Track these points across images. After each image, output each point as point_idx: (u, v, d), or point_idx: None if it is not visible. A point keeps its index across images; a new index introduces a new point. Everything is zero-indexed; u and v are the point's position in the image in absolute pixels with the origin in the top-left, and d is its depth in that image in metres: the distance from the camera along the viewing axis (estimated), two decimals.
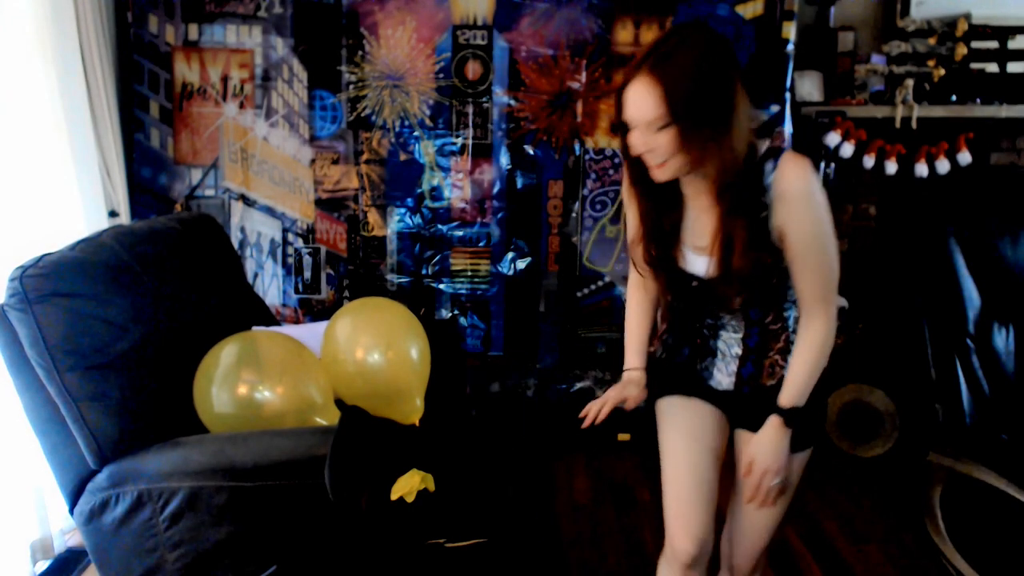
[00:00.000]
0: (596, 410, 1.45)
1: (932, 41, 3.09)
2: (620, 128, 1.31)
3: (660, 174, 1.31)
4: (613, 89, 1.35)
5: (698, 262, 1.41)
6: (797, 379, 1.39)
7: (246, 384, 1.86)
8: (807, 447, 1.51)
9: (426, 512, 1.64)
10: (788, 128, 3.09)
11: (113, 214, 2.78)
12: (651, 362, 1.58)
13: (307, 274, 3.17)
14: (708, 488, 1.47)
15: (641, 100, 1.24)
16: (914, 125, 3.03)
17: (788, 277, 1.39)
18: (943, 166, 3.05)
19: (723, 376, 1.50)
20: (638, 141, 1.28)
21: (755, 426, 1.45)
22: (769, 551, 1.63)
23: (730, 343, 1.47)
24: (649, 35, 3.05)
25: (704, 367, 1.51)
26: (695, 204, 1.39)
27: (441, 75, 3.05)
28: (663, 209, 1.40)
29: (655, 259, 1.43)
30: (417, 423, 1.83)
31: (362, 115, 3.08)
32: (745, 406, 1.50)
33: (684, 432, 1.50)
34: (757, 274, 1.35)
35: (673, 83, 1.21)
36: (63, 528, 2.38)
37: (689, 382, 1.53)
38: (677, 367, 1.54)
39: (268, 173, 3.10)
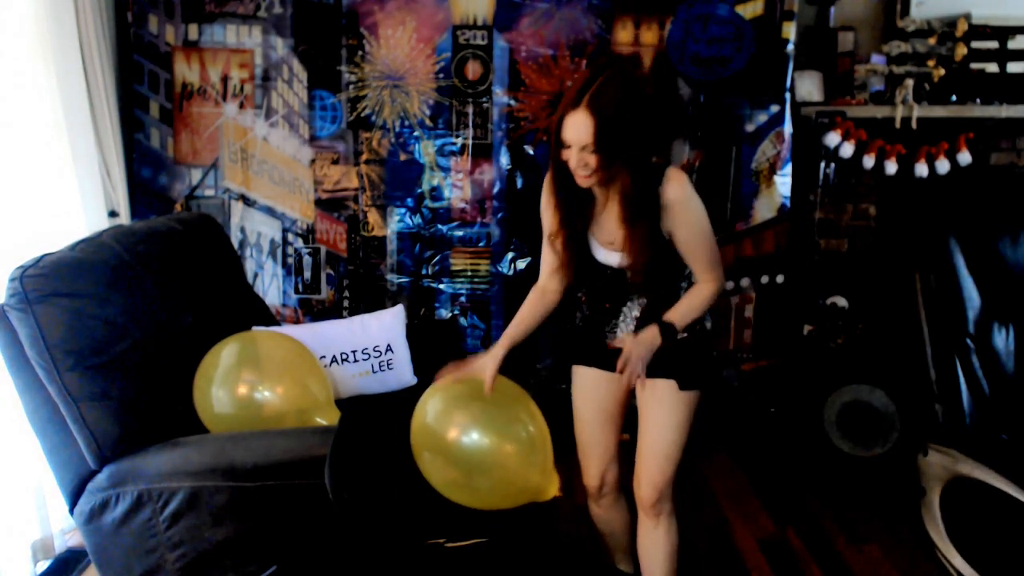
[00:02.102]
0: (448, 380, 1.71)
1: (932, 41, 3.09)
2: (557, 144, 1.62)
3: (584, 182, 1.64)
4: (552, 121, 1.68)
5: (609, 255, 1.76)
6: (682, 309, 1.74)
7: (246, 384, 1.86)
8: (694, 388, 1.81)
9: (426, 512, 1.64)
10: (788, 128, 3.09)
11: (113, 214, 2.78)
12: (567, 331, 1.95)
13: (307, 274, 3.17)
14: (603, 440, 1.94)
15: (578, 128, 1.57)
16: (914, 125, 3.02)
17: (681, 263, 1.76)
18: (943, 166, 3.05)
19: (624, 332, 1.83)
20: (572, 157, 1.61)
21: (651, 374, 1.76)
22: (674, 489, 1.89)
23: (631, 308, 1.83)
24: (649, 35, 3.06)
25: (610, 328, 1.86)
26: (605, 208, 1.74)
27: (441, 75, 3.05)
28: (578, 211, 1.74)
29: (571, 250, 1.77)
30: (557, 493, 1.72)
31: (362, 115, 3.08)
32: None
33: (585, 398, 1.93)
34: (657, 262, 1.71)
35: (602, 120, 1.55)
36: (63, 528, 2.38)
37: (596, 348, 1.88)
38: (588, 334, 1.89)
39: (268, 173, 3.10)
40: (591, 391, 1.93)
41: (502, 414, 1.70)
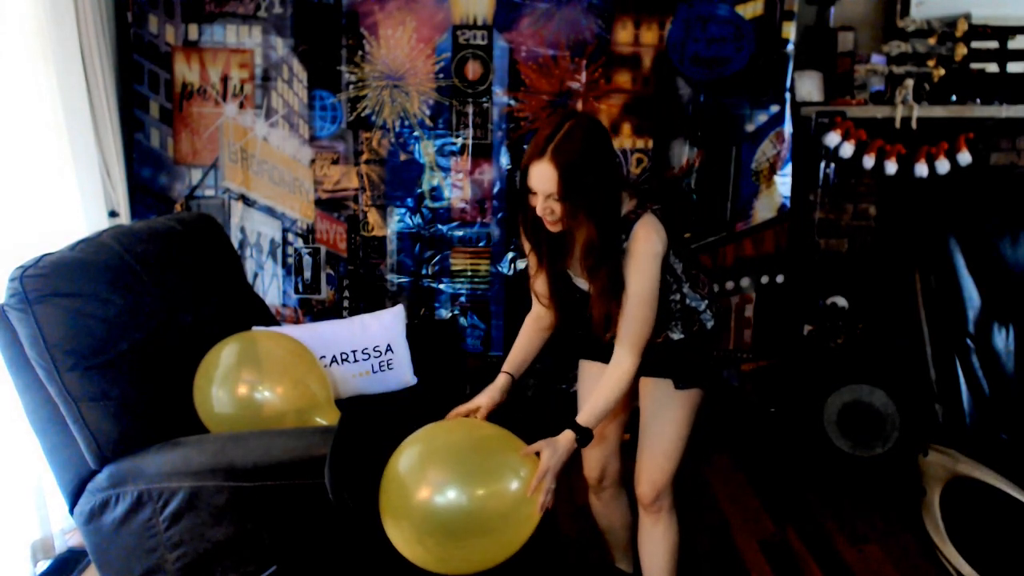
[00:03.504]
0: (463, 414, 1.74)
1: (932, 41, 3.09)
2: (524, 191, 1.63)
3: (552, 228, 1.65)
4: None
5: (582, 283, 1.78)
6: (596, 408, 1.70)
7: (246, 384, 1.86)
8: (694, 386, 1.84)
9: None
10: (788, 128, 3.09)
11: (113, 214, 2.78)
12: (573, 335, 1.95)
13: (307, 274, 3.17)
14: (604, 431, 1.96)
15: (543, 178, 1.57)
16: (914, 125, 3.02)
17: (670, 284, 1.76)
18: (943, 166, 3.05)
19: None
20: (539, 205, 1.61)
21: (649, 373, 1.83)
22: (674, 487, 1.91)
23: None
24: (649, 35, 3.05)
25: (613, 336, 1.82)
26: (578, 246, 1.74)
27: (441, 75, 3.05)
28: (556, 251, 1.76)
29: (555, 286, 1.80)
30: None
31: (362, 115, 3.08)
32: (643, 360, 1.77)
33: (589, 390, 1.91)
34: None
35: (566, 170, 1.55)
36: (63, 528, 2.38)
37: (599, 343, 1.84)
38: (593, 337, 1.85)
39: (268, 173, 3.10)
40: (595, 382, 1.92)
41: (483, 480, 1.52)
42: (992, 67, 3.10)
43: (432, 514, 1.47)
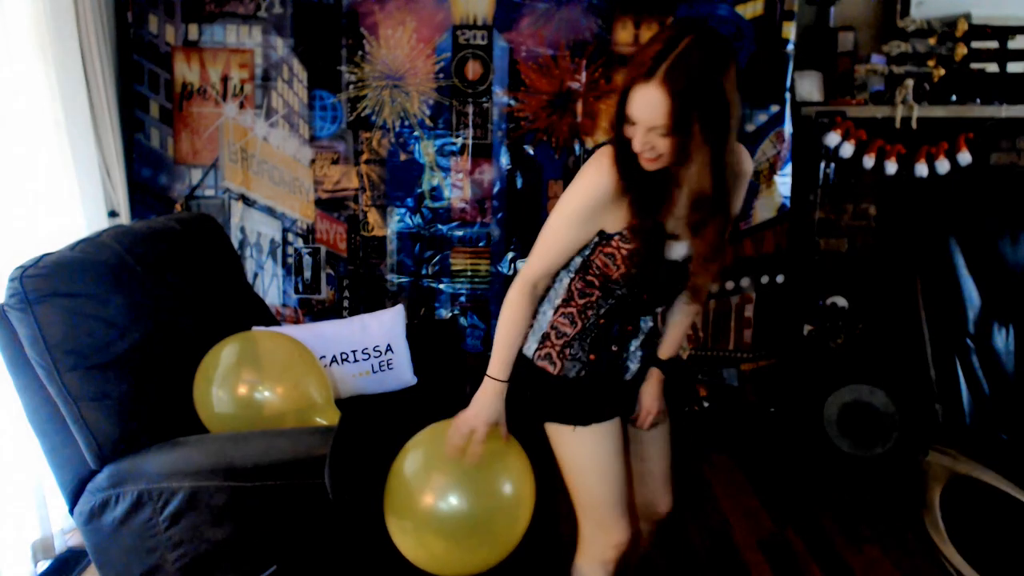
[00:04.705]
0: (468, 444, 1.50)
1: (932, 41, 3.09)
2: (620, 118, 1.33)
3: (650, 166, 1.35)
4: (616, 88, 1.44)
5: (676, 248, 1.47)
6: (677, 344, 1.68)
7: (246, 384, 1.86)
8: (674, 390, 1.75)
9: None
10: (788, 128, 3.09)
11: (113, 214, 2.78)
12: (564, 383, 1.57)
13: (307, 274, 3.17)
14: (626, 490, 1.65)
15: (649, 107, 1.27)
16: (914, 125, 3.02)
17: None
18: (943, 166, 3.05)
19: (634, 364, 1.62)
20: (638, 138, 1.31)
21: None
22: (674, 486, 1.84)
23: (645, 323, 1.59)
24: (649, 35, 3.04)
25: (624, 359, 1.60)
26: (681, 190, 1.41)
27: (441, 75, 3.05)
28: (655, 198, 1.40)
29: (645, 248, 1.42)
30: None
31: (362, 115, 3.08)
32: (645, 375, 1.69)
33: (616, 452, 1.61)
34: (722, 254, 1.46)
35: (681, 99, 1.25)
36: (63, 528, 2.38)
37: (614, 393, 1.62)
38: (604, 380, 1.59)
39: (268, 173, 3.10)
40: (618, 442, 1.63)
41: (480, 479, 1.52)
42: (992, 67, 3.10)
43: (432, 517, 1.49)
